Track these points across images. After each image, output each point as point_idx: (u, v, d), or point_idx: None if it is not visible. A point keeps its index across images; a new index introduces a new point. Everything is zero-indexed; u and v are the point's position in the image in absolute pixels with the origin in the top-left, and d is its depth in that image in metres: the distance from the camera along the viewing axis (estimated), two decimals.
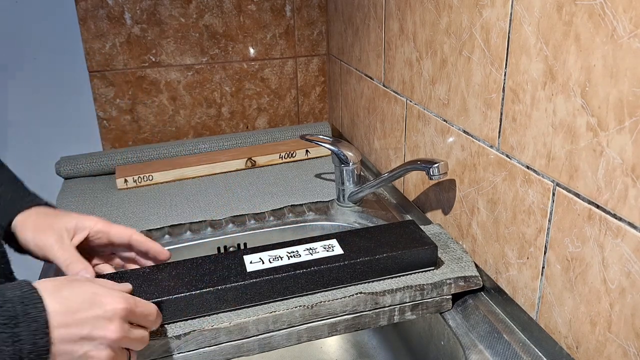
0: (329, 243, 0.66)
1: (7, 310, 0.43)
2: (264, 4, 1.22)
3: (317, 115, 1.36)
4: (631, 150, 0.44)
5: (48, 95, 1.18)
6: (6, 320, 0.43)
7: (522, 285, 0.61)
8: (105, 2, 1.12)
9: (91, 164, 1.10)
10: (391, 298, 0.64)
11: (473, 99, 0.67)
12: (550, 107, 0.53)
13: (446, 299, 0.67)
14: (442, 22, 0.71)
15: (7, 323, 0.43)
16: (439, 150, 0.77)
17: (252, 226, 0.89)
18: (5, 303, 0.43)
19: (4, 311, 0.43)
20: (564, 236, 0.53)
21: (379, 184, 0.85)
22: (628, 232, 0.45)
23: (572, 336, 0.53)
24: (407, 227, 0.70)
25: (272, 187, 1.03)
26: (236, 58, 1.25)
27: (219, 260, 0.63)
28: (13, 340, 0.42)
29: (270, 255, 0.63)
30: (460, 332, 0.64)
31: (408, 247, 0.65)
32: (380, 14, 0.93)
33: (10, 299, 0.44)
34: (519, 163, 0.59)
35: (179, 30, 1.19)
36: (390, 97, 0.93)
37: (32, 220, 0.59)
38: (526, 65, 0.56)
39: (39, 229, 0.58)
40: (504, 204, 0.63)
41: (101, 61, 1.16)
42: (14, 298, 0.44)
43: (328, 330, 0.63)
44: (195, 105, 1.26)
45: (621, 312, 0.47)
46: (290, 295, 0.61)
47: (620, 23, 0.43)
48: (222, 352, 0.59)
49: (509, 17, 0.57)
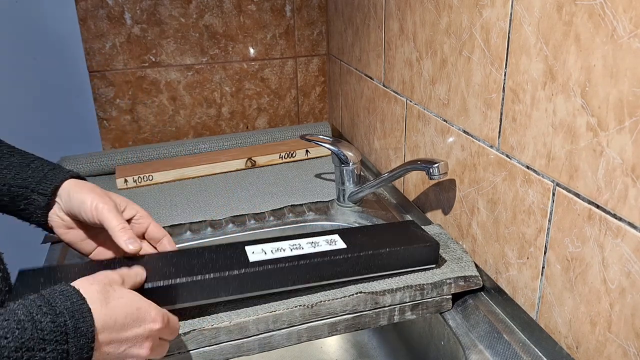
0: (332, 238, 0.66)
1: (60, 326, 0.41)
2: (264, 4, 1.22)
3: (317, 115, 1.36)
4: (631, 150, 0.44)
5: (48, 95, 1.18)
6: (59, 337, 0.41)
7: (522, 285, 0.61)
8: (105, 2, 1.12)
9: (91, 164, 1.10)
10: (391, 298, 0.64)
11: (473, 99, 0.67)
12: (550, 107, 0.53)
13: (446, 299, 0.67)
14: (442, 22, 0.72)
15: (59, 340, 0.41)
16: (439, 150, 0.77)
17: (252, 226, 0.89)
18: (58, 317, 0.42)
19: (56, 327, 0.41)
20: (564, 236, 0.53)
21: (379, 184, 0.85)
22: (628, 232, 0.45)
23: (572, 336, 0.53)
24: (409, 226, 0.70)
25: (272, 187, 1.03)
26: (236, 58, 1.25)
27: (221, 250, 0.63)
28: (62, 357, 0.41)
29: (272, 247, 0.63)
30: (460, 332, 0.64)
31: (411, 244, 0.65)
32: (380, 14, 0.93)
33: (62, 312, 0.42)
34: (519, 163, 0.59)
35: (179, 30, 1.19)
36: (390, 97, 0.93)
37: (88, 187, 0.61)
38: (526, 65, 0.56)
39: (97, 194, 0.60)
40: (504, 204, 0.63)
41: (101, 61, 1.16)
42: (64, 311, 0.42)
43: (328, 330, 0.63)
44: (195, 105, 1.26)
45: (621, 312, 0.47)
46: (291, 285, 0.61)
47: (620, 23, 0.43)
48: (222, 351, 0.59)
49: (509, 17, 0.57)
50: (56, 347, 0.41)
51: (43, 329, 0.40)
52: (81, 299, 0.44)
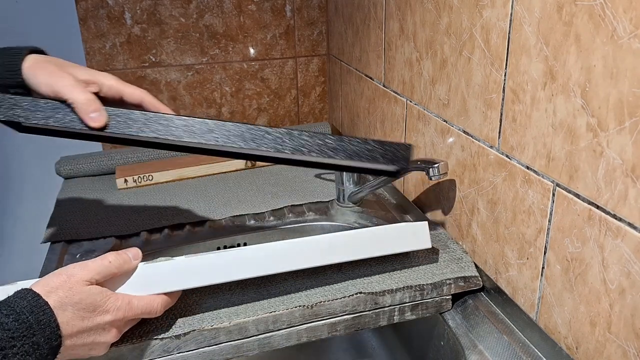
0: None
1: (23, 323, 0.45)
2: (264, 4, 1.22)
3: (317, 116, 1.36)
4: (631, 151, 0.44)
5: None
6: (25, 332, 0.45)
7: (522, 286, 0.61)
8: (105, 2, 1.12)
9: (91, 164, 1.10)
10: (391, 298, 0.64)
11: (473, 99, 0.67)
12: (550, 107, 0.53)
13: (446, 299, 0.67)
14: (442, 22, 0.72)
15: (27, 335, 0.45)
16: (439, 151, 0.77)
17: (252, 226, 0.89)
18: (20, 316, 0.45)
19: (20, 324, 0.45)
20: (564, 236, 0.53)
21: (379, 184, 0.85)
22: (628, 233, 0.45)
23: (572, 337, 0.53)
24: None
25: (272, 187, 1.03)
26: (236, 58, 1.25)
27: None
28: (34, 349, 0.45)
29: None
30: (460, 332, 0.64)
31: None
32: (381, 14, 0.93)
33: (22, 310, 0.46)
34: (519, 163, 0.59)
35: (179, 30, 1.19)
36: (390, 98, 0.93)
37: (42, 65, 0.57)
38: (526, 65, 0.56)
39: (54, 74, 0.56)
40: (504, 204, 0.63)
41: (101, 61, 1.16)
42: (23, 309, 0.46)
43: (328, 330, 0.63)
44: (195, 105, 1.26)
45: (621, 312, 0.47)
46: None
47: (621, 23, 0.43)
48: (221, 352, 0.59)
49: (509, 18, 0.57)
50: (25, 341, 0.45)
51: (9, 329, 0.44)
52: (35, 295, 0.47)
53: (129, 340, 0.56)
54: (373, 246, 0.63)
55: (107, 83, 0.59)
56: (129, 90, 0.60)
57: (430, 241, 0.66)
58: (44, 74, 0.56)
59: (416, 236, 0.65)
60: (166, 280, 0.56)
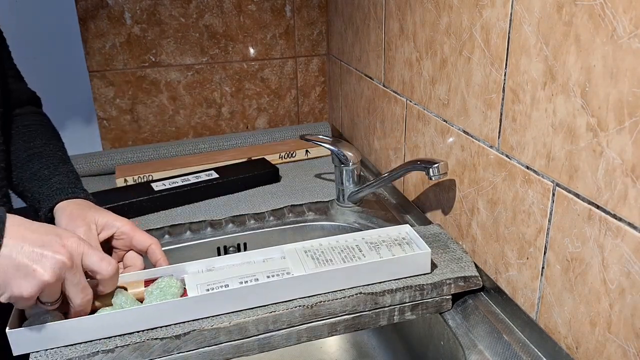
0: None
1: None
2: (264, 4, 1.22)
3: (317, 116, 1.36)
4: (631, 151, 0.44)
5: (48, 95, 1.18)
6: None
7: (521, 286, 0.61)
8: (105, 2, 1.12)
9: (91, 163, 1.10)
10: (391, 298, 0.64)
11: (473, 99, 0.67)
12: (550, 107, 0.53)
13: (446, 299, 0.67)
14: (442, 22, 0.72)
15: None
16: (439, 151, 0.77)
17: (252, 226, 0.89)
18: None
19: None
20: (564, 236, 0.53)
21: (379, 184, 0.85)
22: (628, 233, 0.45)
23: (572, 336, 0.53)
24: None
25: (272, 187, 1.03)
26: (236, 58, 1.25)
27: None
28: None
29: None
30: (460, 332, 0.64)
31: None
32: (381, 14, 0.93)
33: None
34: (518, 163, 0.59)
35: (179, 30, 1.19)
36: (390, 97, 0.93)
37: (70, 209, 0.65)
38: (526, 65, 0.56)
39: (73, 217, 0.63)
40: (503, 204, 0.63)
41: (101, 61, 1.16)
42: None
43: (328, 330, 0.63)
44: (195, 105, 1.26)
45: (621, 312, 0.47)
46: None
47: (620, 23, 0.43)
48: (221, 352, 0.59)
49: (509, 18, 0.57)
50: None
51: None
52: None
53: (129, 340, 0.56)
54: (374, 275, 0.64)
55: (121, 229, 0.65)
56: (139, 236, 0.66)
57: (430, 267, 0.67)
58: (64, 219, 0.64)
59: (417, 264, 0.66)
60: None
